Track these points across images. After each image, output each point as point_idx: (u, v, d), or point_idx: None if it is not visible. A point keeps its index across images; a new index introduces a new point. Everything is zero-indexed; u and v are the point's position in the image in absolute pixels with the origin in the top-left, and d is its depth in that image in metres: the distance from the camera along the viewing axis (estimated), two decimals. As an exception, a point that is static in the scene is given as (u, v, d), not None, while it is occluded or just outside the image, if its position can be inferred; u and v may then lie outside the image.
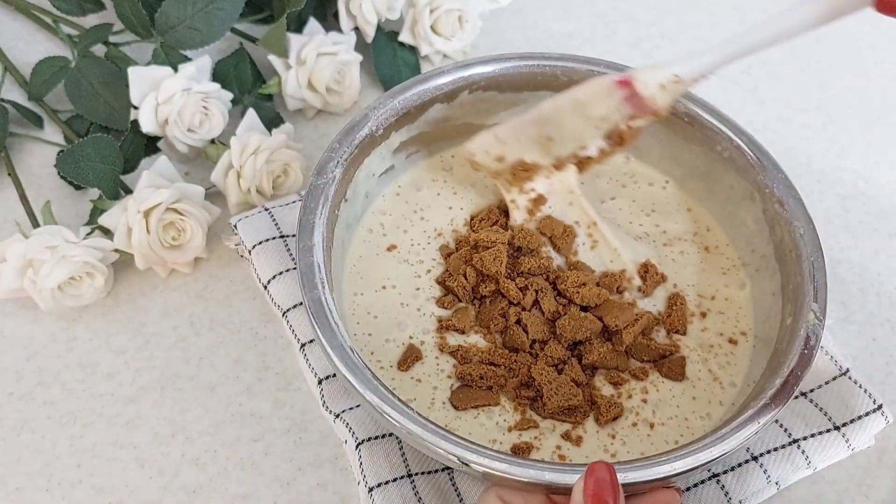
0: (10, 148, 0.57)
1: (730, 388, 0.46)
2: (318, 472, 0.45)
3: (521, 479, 0.36)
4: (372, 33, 0.62)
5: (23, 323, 0.50)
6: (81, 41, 0.57)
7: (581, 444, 0.43)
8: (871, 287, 0.55)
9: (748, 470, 0.44)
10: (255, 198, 0.53)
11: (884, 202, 0.60)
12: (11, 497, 0.44)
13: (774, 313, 0.46)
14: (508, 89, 0.52)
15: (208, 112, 0.54)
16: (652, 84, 0.44)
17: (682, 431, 0.44)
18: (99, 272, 0.49)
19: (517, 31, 0.70)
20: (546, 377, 0.44)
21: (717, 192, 0.51)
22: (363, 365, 0.39)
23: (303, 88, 0.58)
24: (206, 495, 0.44)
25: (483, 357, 0.45)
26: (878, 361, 0.52)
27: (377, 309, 0.47)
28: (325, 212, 0.44)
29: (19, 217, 0.53)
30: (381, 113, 0.48)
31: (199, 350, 0.49)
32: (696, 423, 0.44)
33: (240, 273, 0.53)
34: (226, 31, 0.56)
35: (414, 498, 0.42)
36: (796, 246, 0.45)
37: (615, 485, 0.34)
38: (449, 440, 0.37)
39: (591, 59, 0.52)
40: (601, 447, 0.43)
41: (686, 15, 0.73)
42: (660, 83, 0.44)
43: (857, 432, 0.45)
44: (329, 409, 0.45)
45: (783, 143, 0.62)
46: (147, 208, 0.49)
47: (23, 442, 0.46)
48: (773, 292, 0.47)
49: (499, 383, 0.44)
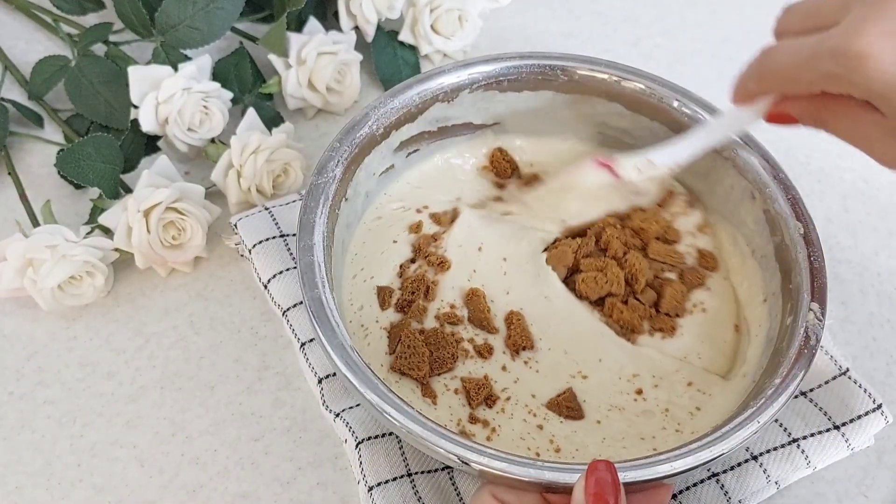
0: (10, 147, 0.57)
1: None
2: (318, 472, 0.45)
3: (520, 478, 0.36)
4: (372, 32, 0.62)
5: (23, 322, 0.50)
6: (81, 40, 0.57)
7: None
8: (872, 287, 0.55)
9: (748, 469, 0.44)
10: (255, 197, 0.53)
11: (884, 202, 0.60)
12: (11, 496, 0.44)
13: (775, 313, 0.46)
14: (509, 89, 0.52)
15: (208, 111, 0.54)
16: (628, 166, 0.49)
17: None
18: (99, 271, 0.49)
19: (517, 31, 0.70)
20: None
21: (717, 191, 0.52)
22: (363, 364, 0.39)
23: (303, 88, 0.58)
24: (206, 494, 0.44)
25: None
26: (878, 361, 0.52)
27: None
28: (326, 211, 0.44)
29: (19, 216, 0.53)
30: (381, 112, 0.48)
31: (200, 349, 0.49)
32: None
33: (240, 272, 0.53)
34: (226, 30, 0.56)
35: (414, 497, 0.42)
36: (796, 246, 0.45)
37: (616, 484, 0.34)
38: (449, 440, 0.37)
39: (592, 58, 0.52)
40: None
41: (686, 14, 0.73)
42: (635, 166, 0.49)
43: (857, 432, 0.45)
44: (329, 409, 0.45)
45: (783, 143, 0.62)
46: (147, 207, 0.49)
47: (23, 441, 0.46)
48: (773, 292, 0.47)
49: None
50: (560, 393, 0.45)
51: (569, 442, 0.43)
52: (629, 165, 0.49)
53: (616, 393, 0.45)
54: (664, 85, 0.51)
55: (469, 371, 0.45)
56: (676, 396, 0.45)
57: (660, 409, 0.45)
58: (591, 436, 0.43)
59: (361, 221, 0.50)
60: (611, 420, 0.44)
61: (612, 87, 0.52)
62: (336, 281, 0.45)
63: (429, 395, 0.44)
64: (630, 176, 0.49)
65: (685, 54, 0.69)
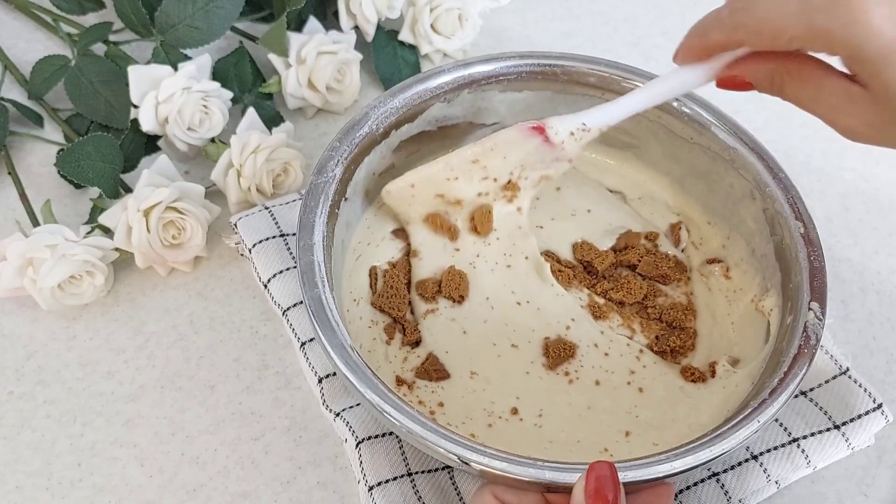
0: (10, 147, 0.57)
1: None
2: (318, 471, 0.45)
3: (520, 477, 0.36)
4: (372, 32, 0.62)
5: (23, 321, 0.50)
6: (81, 40, 0.57)
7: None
8: (872, 286, 0.55)
9: (748, 469, 0.44)
10: (255, 196, 0.53)
11: (884, 201, 0.60)
12: (11, 496, 0.44)
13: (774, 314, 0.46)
14: (509, 88, 0.52)
15: (208, 111, 0.54)
16: (562, 131, 0.47)
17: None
18: (99, 271, 0.49)
19: (517, 31, 0.70)
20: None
21: (717, 191, 0.51)
22: (363, 363, 0.39)
23: (303, 87, 0.58)
24: (205, 494, 0.44)
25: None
26: (878, 360, 0.52)
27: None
28: (326, 210, 0.44)
29: (19, 216, 0.53)
30: (381, 112, 0.48)
31: (199, 349, 0.49)
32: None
33: (240, 272, 0.53)
34: (226, 29, 0.56)
35: (414, 497, 0.42)
36: (796, 245, 0.45)
37: (616, 482, 0.34)
38: (449, 439, 0.37)
39: (591, 58, 0.52)
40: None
41: (686, 14, 0.73)
42: (569, 131, 0.47)
43: (857, 431, 0.45)
44: (329, 408, 0.45)
45: (783, 142, 0.62)
46: (147, 207, 0.49)
47: (22, 441, 0.46)
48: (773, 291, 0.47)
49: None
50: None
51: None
52: (563, 130, 0.47)
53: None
54: (664, 84, 0.51)
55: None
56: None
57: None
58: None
59: (361, 221, 0.50)
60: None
61: (612, 86, 0.52)
62: (336, 280, 0.45)
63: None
64: (563, 141, 0.47)
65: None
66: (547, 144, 0.47)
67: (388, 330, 0.47)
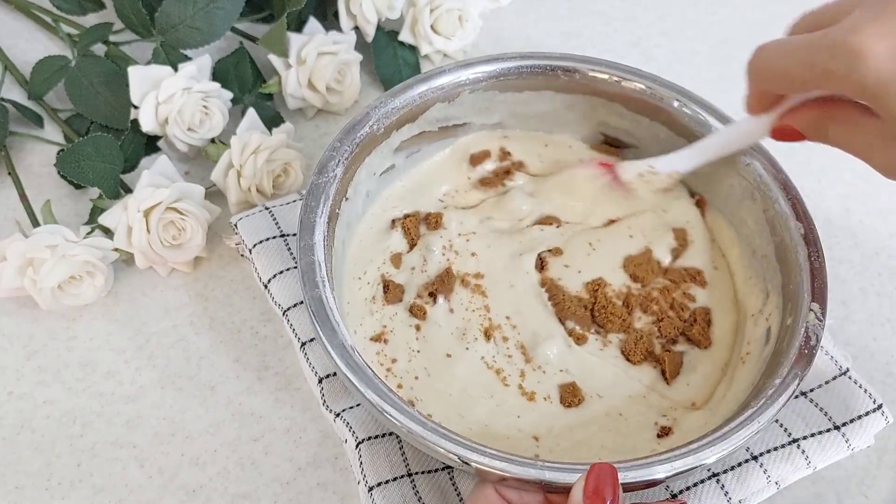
0: (10, 147, 0.57)
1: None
2: (318, 472, 0.45)
3: (520, 477, 0.36)
4: (372, 32, 0.62)
5: (23, 322, 0.50)
6: (81, 40, 0.57)
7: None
8: (872, 287, 0.55)
9: (748, 469, 0.44)
10: (255, 197, 0.53)
11: (884, 202, 0.60)
12: (11, 496, 0.44)
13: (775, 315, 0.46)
14: (509, 89, 0.52)
15: (208, 111, 0.54)
16: (630, 171, 0.50)
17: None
18: (99, 271, 0.49)
19: (517, 31, 0.70)
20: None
21: (717, 191, 0.51)
22: (364, 363, 0.39)
23: (303, 88, 0.58)
24: (205, 495, 0.44)
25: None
26: (879, 361, 0.52)
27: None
28: (326, 210, 0.44)
29: (19, 216, 0.53)
30: (381, 112, 0.48)
31: (199, 349, 0.49)
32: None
33: (240, 272, 0.53)
34: (226, 30, 0.56)
35: (414, 497, 0.42)
36: (796, 246, 0.45)
37: (615, 482, 0.34)
38: (450, 439, 0.37)
39: (592, 58, 0.52)
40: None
41: (686, 14, 0.73)
42: (638, 172, 0.50)
43: (857, 432, 0.45)
44: (329, 408, 0.45)
45: (783, 143, 0.62)
46: (147, 207, 0.49)
47: (22, 441, 0.46)
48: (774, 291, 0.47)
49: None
50: None
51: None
52: (631, 170, 0.50)
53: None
54: (664, 85, 0.51)
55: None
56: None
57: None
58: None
59: (362, 221, 0.50)
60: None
61: (612, 87, 0.52)
62: (336, 280, 0.45)
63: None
64: (630, 180, 0.50)
65: (685, 54, 0.69)
66: (614, 183, 0.51)
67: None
